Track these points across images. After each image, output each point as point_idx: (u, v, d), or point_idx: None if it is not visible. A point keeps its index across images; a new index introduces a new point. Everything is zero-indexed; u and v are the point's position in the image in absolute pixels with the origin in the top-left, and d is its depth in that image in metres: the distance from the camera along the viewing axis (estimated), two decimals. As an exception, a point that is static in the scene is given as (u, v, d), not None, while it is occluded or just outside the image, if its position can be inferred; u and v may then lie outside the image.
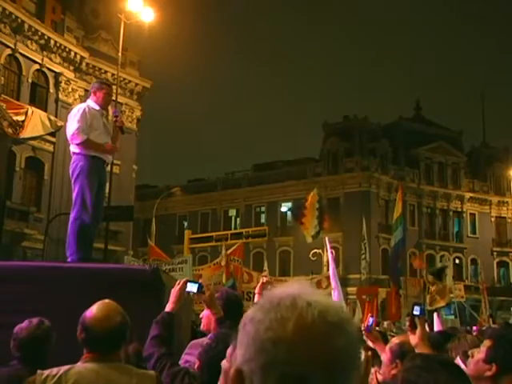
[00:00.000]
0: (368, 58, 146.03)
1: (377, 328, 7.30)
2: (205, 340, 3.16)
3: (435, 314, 9.29)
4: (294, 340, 0.93)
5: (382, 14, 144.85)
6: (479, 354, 2.98)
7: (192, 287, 3.69)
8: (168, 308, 3.58)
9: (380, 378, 3.77)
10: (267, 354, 0.94)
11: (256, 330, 0.97)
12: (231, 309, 3.80)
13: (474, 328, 12.48)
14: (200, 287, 3.69)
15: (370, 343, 4.31)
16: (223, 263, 19.42)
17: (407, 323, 3.35)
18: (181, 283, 3.70)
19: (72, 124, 6.22)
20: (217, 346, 2.85)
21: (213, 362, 2.74)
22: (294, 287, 1.00)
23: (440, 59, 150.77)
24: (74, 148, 6.27)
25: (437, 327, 8.37)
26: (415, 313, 3.36)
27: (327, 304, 0.98)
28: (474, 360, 3.00)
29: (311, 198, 24.82)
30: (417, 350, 3.21)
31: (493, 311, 32.88)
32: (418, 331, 3.24)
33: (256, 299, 4.86)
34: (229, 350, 1.30)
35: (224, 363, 1.25)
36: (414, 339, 3.25)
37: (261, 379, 0.94)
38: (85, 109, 6.29)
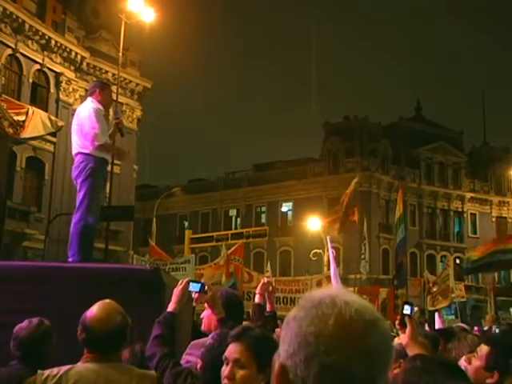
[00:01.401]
0: (368, 57, 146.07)
1: None
2: (207, 340, 3.15)
3: (436, 314, 9.27)
4: (334, 334, 1.01)
5: (382, 13, 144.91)
6: (477, 360, 2.97)
7: (194, 287, 3.68)
8: (170, 308, 3.57)
9: None
10: (310, 347, 1.02)
11: (299, 326, 1.04)
12: (232, 309, 3.78)
13: (476, 328, 12.45)
14: (202, 287, 3.68)
15: None
16: (222, 263, 19.46)
17: (397, 322, 3.33)
18: (183, 283, 3.68)
19: (92, 125, 6.11)
20: (220, 345, 2.84)
21: (216, 362, 2.73)
22: (331, 289, 1.10)
23: (440, 59, 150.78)
24: (82, 149, 6.15)
25: (438, 327, 8.33)
26: (405, 312, 3.33)
27: (363, 304, 1.07)
28: (473, 367, 2.98)
29: (352, 186, 24.59)
30: (407, 350, 3.19)
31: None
32: (408, 330, 3.22)
33: (257, 299, 4.84)
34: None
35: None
36: (404, 339, 3.24)
37: (304, 371, 1.02)
38: (97, 109, 6.23)
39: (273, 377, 1.07)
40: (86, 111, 6.22)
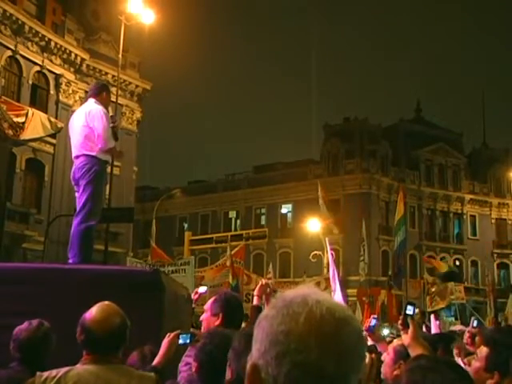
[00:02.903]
0: (368, 59, 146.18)
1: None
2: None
3: (432, 317, 9.17)
4: (305, 332, 1.01)
5: (382, 14, 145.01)
6: (476, 361, 2.98)
7: (184, 339, 3.57)
8: (155, 361, 3.46)
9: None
10: (280, 345, 1.02)
11: (270, 325, 1.05)
12: (231, 312, 3.75)
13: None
14: (192, 337, 3.61)
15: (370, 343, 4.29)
16: (228, 263, 19.48)
17: (399, 322, 3.33)
18: (171, 336, 3.58)
19: (105, 128, 6.08)
20: (211, 341, 2.84)
21: (210, 358, 2.72)
22: (303, 289, 1.10)
23: (440, 60, 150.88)
24: (87, 151, 6.09)
25: (434, 330, 8.27)
26: (408, 312, 3.32)
27: (334, 302, 1.07)
28: (473, 369, 2.99)
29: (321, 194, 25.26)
30: (410, 350, 3.20)
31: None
32: (411, 331, 3.22)
33: (255, 301, 4.83)
34: None
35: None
36: (406, 339, 3.24)
37: (275, 369, 1.02)
38: (106, 113, 6.22)
39: (246, 377, 1.07)
40: (96, 112, 6.15)
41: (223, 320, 3.64)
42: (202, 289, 6.29)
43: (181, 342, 3.57)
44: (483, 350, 3.07)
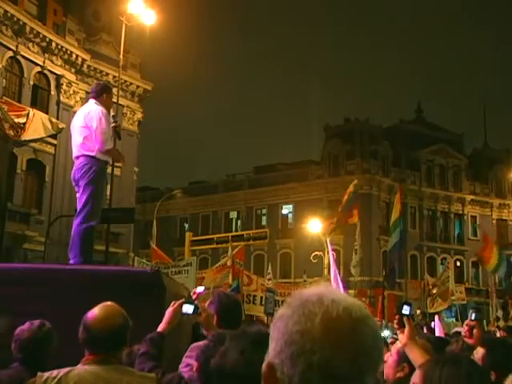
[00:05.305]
0: (369, 59, 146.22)
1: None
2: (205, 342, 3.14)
3: (436, 318, 9.13)
4: (320, 332, 1.01)
5: (382, 15, 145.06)
6: None
7: (188, 309, 3.64)
8: (160, 328, 3.51)
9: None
10: (295, 345, 1.01)
11: (285, 325, 1.04)
12: (228, 313, 3.73)
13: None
14: (196, 309, 3.65)
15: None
16: (229, 263, 19.49)
17: (395, 321, 3.32)
18: (176, 304, 3.63)
19: (102, 129, 6.10)
20: (215, 345, 2.84)
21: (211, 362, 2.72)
22: (319, 288, 1.09)
23: (441, 61, 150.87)
24: (86, 151, 6.11)
25: (438, 332, 8.19)
26: (404, 312, 3.30)
27: (351, 301, 1.06)
28: None
29: (351, 188, 24.74)
30: (406, 350, 3.19)
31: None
32: (407, 331, 3.22)
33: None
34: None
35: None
36: (402, 339, 3.24)
37: (290, 369, 1.01)
38: (106, 114, 6.23)
39: (262, 376, 1.07)
40: (95, 113, 6.17)
41: (218, 320, 3.64)
42: (200, 288, 6.29)
43: (184, 310, 3.62)
44: (479, 352, 3.08)
